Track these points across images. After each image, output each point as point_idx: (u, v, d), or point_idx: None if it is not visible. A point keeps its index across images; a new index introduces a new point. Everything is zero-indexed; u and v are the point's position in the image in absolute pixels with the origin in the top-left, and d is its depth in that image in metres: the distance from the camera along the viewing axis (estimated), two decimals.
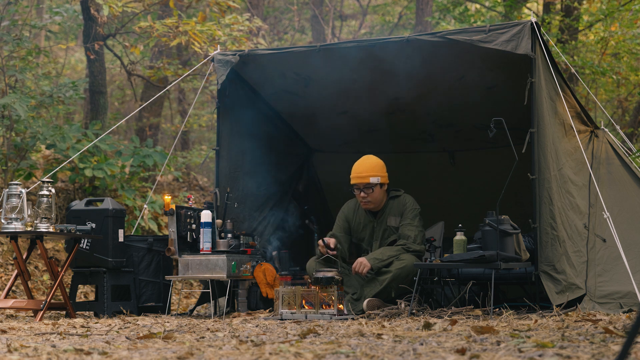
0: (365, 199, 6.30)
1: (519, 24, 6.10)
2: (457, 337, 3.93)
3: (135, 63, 11.47)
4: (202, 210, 6.54)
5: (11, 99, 8.71)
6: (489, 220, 5.73)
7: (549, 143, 6.07)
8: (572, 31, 13.13)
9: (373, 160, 6.38)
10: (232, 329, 4.83)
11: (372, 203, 6.33)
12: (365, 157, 6.44)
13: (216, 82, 7.21)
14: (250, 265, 6.52)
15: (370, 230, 6.43)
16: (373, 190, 6.27)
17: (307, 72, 7.27)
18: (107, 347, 3.72)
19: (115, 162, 9.62)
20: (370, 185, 6.27)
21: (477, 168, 8.04)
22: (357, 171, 6.34)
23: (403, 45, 6.56)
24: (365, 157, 6.45)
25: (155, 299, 6.85)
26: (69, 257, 6.33)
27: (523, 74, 6.12)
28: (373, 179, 6.26)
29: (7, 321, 5.88)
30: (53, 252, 9.32)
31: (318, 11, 15.32)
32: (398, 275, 6.03)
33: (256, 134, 7.63)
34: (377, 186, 6.28)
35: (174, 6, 10.54)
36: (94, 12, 10.02)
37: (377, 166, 6.34)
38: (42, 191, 6.17)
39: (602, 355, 3.17)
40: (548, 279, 5.84)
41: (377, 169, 6.31)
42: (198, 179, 14.31)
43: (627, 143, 7.46)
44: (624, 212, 6.36)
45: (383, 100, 7.57)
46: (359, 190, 6.31)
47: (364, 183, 6.27)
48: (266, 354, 3.35)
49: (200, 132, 17.38)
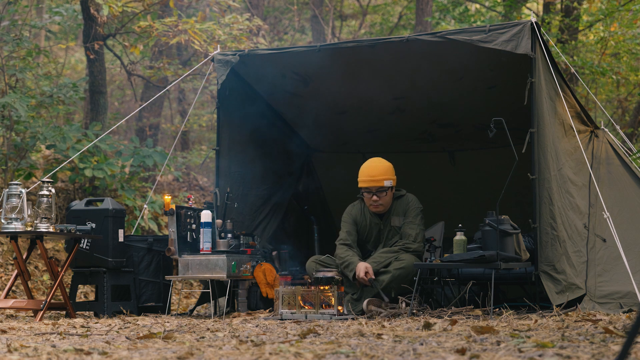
0: (377, 202, 6.26)
1: (519, 24, 6.10)
2: (457, 337, 3.93)
3: (135, 63, 11.47)
4: (202, 210, 6.54)
5: (11, 98, 8.70)
6: (489, 220, 5.73)
7: (549, 143, 6.07)
8: (572, 31, 13.13)
9: (385, 164, 6.33)
10: (232, 329, 4.83)
11: (383, 206, 6.30)
12: (376, 160, 6.37)
13: (216, 82, 7.21)
14: (250, 265, 6.52)
15: (377, 232, 6.41)
16: (386, 193, 6.25)
17: (307, 72, 7.27)
18: (107, 347, 3.72)
19: (115, 162, 9.62)
20: (384, 189, 6.23)
21: (477, 168, 8.04)
22: (369, 174, 6.27)
23: (403, 45, 6.56)
24: (375, 160, 6.38)
25: (155, 299, 6.85)
26: (69, 257, 6.33)
27: (523, 74, 6.12)
28: (387, 182, 6.23)
29: (7, 321, 5.88)
30: (53, 252, 9.32)
31: (318, 11, 15.32)
32: (398, 275, 6.03)
33: (256, 134, 7.63)
34: (389, 189, 6.27)
35: (174, 6, 10.54)
36: (93, 11, 10.02)
37: (389, 169, 6.31)
38: (42, 191, 6.17)
39: (602, 355, 3.17)
40: (548, 279, 5.84)
41: (390, 172, 6.29)
42: (198, 179, 14.31)
43: (627, 143, 7.46)
44: (624, 212, 6.36)
45: (383, 100, 7.57)
46: (370, 194, 6.25)
47: (377, 187, 6.22)
48: (266, 354, 3.35)
49: (200, 132, 17.38)
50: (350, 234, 6.35)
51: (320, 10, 15.53)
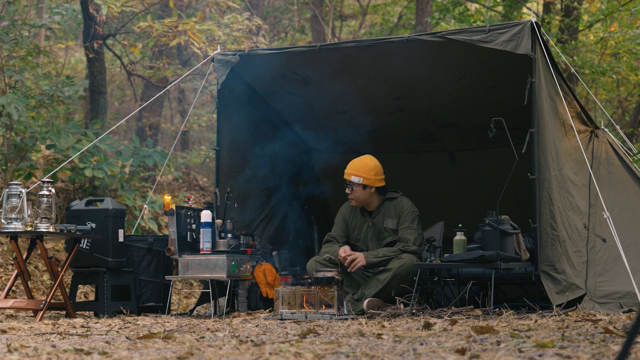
0: (349, 195, 6.45)
1: (519, 24, 6.10)
2: (457, 337, 3.93)
3: (135, 63, 11.47)
4: (202, 210, 6.54)
5: (8, 99, 8.67)
6: (489, 220, 5.73)
7: (549, 143, 6.07)
8: (572, 31, 13.12)
9: (363, 161, 6.46)
10: (232, 329, 4.83)
11: (354, 200, 6.45)
12: (362, 157, 6.53)
13: (216, 82, 7.21)
14: (250, 265, 6.52)
15: (365, 230, 6.47)
16: (353, 189, 6.39)
17: (307, 72, 7.27)
18: (107, 347, 3.72)
19: (115, 162, 9.62)
20: (352, 184, 6.38)
21: (477, 168, 8.04)
22: (347, 167, 6.49)
23: (403, 45, 6.56)
24: (362, 157, 6.53)
25: (155, 299, 6.85)
26: (69, 257, 6.33)
27: (523, 74, 6.12)
28: (355, 178, 6.39)
29: (7, 321, 5.88)
30: (53, 252, 9.32)
31: (318, 11, 15.31)
32: (398, 274, 6.04)
33: (256, 134, 7.63)
34: (358, 186, 6.38)
35: (174, 6, 10.54)
36: (92, 11, 10.01)
37: (363, 167, 6.40)
38: (42, 191, 6.17)
39: (602, 355, 3.17)
40: (548, 279, 5.84)
41: (363, 170, 6.38)
42: (198, 179, 14.30)
43: (627, 143, 7.46)
44: (624, 212, 6.35)
45: (383, 100, 7.57)
46: (345, 185, 6.47)
47: (346, 180, 6.42)
48: (266, 354, 3.35)
49: (200, 132, 17.38)
50: (337, 231, 6.56)
51: (320, 10, 15.53)
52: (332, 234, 6.56)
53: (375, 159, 6.50)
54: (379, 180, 6.41)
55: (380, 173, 6.44)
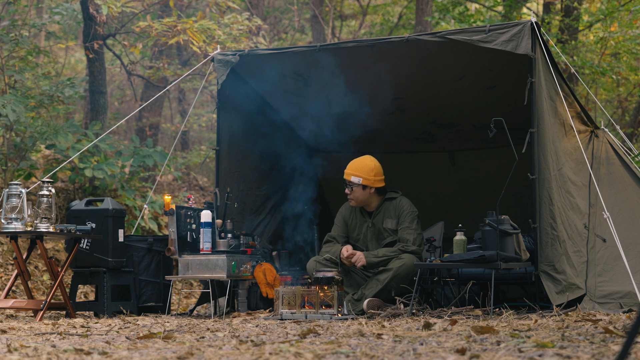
0: (348, 195, 6.46)
1: (519, 24, 6.10)
2: (457, 337, 3.93)
3: (135, 63, 11.47)
4: (202, 210, 6.54)
5: (5, 100, 8.65)
6: (489, 220, 5.73)
7: (549, 143, 6.07)
8: (572, 31, 13.12)
9: (363, 162, 6.47)
10: (232, 329, 4.83)
11: (354, 201, 6.46)
12: (362, 157, 6.53)
13: (216, 82, 7.21)
14: (250, 265, 6.52)
15: (365, 231, 6.48)
16: (352, 189, 6.39)
17: (307, 72, 7.27)
18: (107, 347, 3.72)
19: (115, 162, 9.62)
20: (351, 184, 6.38)
21: (477, 168, 8.04)
22: (347, 167, 6.50)
23: (403, 45, 6.56)
24: (362, 157, 6.54)
25: (155, 299, 6.85)
26: (69, 257, 6.33)
27: (523, 74, 6.12)
28: (354, 178, 6.40)
29: (7, 321, 5.88)
30: (53, 252, 9.32)
31: (318, 11, 15.31)
32: (398, 274, 6.05)
33: (256, 134, 7.63)
34: (358, 186, 6.38)
35: (174, 6, 10.54)
36: (92, 11, 10.01)
37: (363, 167, 6.40)
38: (42, 191, 6.17)
39: (602, 355, 3.17)
40: (548, 279, 5.84)
41: (363, 171, 6.39)
42: (198, 179, 14.31)
43: (627, 143, 7.46)
44: (624, 212, 6.35)
45: (383, 100, 7.56)
46: (344, 186, 6.47)
47: (346, 180, 6.43)
48: (266, 354, 3.35)
49: (200, 132, 17.38)
50: (336, 231, 6.57)
51: (320, 10, 15.52)
52: (332, 234, 6.57)
53: (375, 159, 6.51)
54: (378, 181, 6.41)
55: (380, 173, 6.44)
